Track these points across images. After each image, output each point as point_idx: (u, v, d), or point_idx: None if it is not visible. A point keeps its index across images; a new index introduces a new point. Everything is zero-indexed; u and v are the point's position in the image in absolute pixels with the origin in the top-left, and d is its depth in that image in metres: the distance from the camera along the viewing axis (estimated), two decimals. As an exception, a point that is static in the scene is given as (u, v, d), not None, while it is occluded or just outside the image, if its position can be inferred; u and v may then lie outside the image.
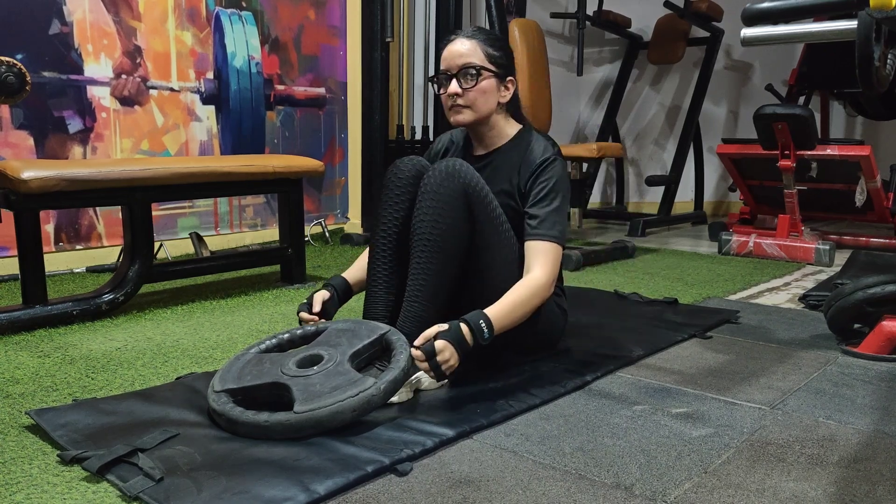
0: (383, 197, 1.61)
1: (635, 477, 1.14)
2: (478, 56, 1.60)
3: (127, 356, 1.76)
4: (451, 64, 1.61)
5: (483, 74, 1.60)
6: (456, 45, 1.61)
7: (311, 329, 1.54)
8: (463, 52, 1.60)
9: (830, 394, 1.54)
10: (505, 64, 1.63)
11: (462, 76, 1.60)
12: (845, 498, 1.08)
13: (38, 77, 2.82)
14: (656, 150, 5.34)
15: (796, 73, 4.51)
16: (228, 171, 2.39)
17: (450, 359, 1.38)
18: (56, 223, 2.93)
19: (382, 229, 1.60)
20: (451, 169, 1.50)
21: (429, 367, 1.38)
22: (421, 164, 1.60)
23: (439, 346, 1.38)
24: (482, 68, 1.59)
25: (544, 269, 1.54)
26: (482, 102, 1.61)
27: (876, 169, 3.34)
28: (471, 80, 1.59)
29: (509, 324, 1.49)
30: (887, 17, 1.49)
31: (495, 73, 1.61)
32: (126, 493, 1.05)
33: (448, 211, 1.48)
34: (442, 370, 1.38)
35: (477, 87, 1.60)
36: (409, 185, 1.58)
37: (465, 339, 1.41)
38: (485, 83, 1.60)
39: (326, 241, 3.76)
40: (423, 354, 1.37)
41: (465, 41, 1.61)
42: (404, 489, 1.10)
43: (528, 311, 1.52)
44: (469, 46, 1.60)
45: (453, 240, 1.50)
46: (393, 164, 1.62)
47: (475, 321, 1.42)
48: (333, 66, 3.95)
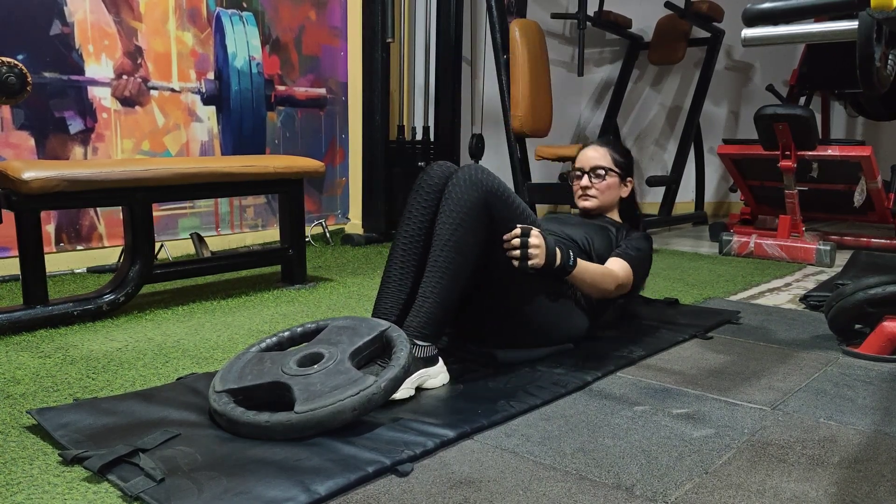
0: (410, 199, 1.66)
1: (636, 477, 1.14)
2: (607, 160, 2.00)
3: (128, 356, 1.76)
4: (584, 164, 2.02)
5: (610, 173, 1.99)
6: (590, 150, 2.03)
7: (312, 326, 1.54)
8: (595, 156, 2.01)
9: (831, 394, 1.54)
10: (626, 167, 2.03)
11: (593, 173, 2.00)
12: (846, 498, 1.08)
13: (38, 77, 2.82)
14: (657, 151, 5.34)
15: (797, 74, 4.51)
16: (229, 172, 2.39)
17: (538, 253, 1.51)
18: (57, 223, 2.94)
19: (405, 230, 1.63)
20: (474, 176, 1.56)
21: (518, 246, 1.50)
22: (451, 170, 1.65)
23: (535, 234, 1.51)
24: (609, 169, 1.99)
25: (621, 269, 1.80)
26: (607, 195, 2.01)
27: (877, 169, 3.34)
28: (600, 177, 1.99)
29: (586, 279, 1.67)
30: (888, 18, 1.49)
31: (619, 173, 2.01)
32: (127, 493, 1.05)
33: (468, 217, 1.53)
34: (527, 254, 1.50)
35: (604, 182, 1.99)
36: (438, 189, 1.63)
37: (555, 252, 1.57)
38: (610, 180, 2.00)
39: (327, 241, 3.76)
40: (520, 231, 1.50)
41: (599, 148, 2.03)
42: (405, 490, 1.10)
43: (600, 282, 1.72)
44: (601, 152, 2.01)
45: (470, 244, 1.54)
46: (425, 168, 1.68)
47: (567, 250, 1.61)
48: (334, 66, 3.95)
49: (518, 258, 1.50)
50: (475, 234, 1.53)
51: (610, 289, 1.75)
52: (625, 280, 1.80)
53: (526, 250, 1.50)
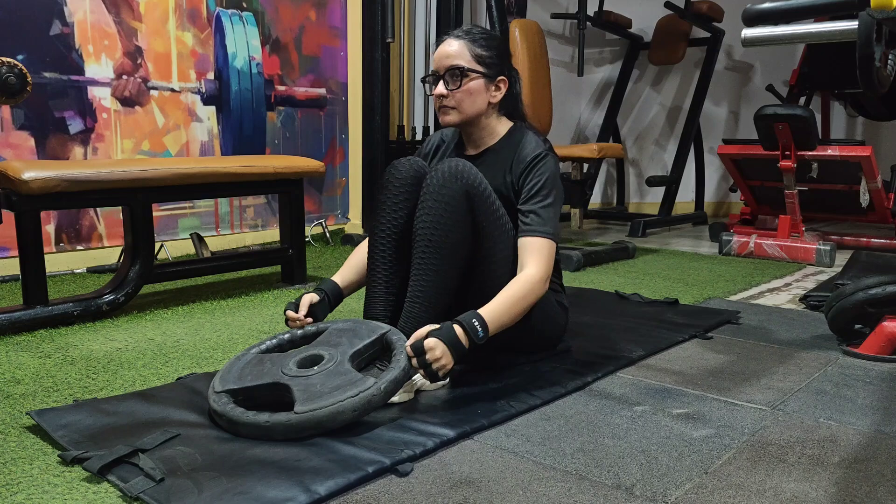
0: (381, 197, 1.61)
1: (636, 478, 1.14)
2: (464, 57, 1.59)
3: (128, 357, 1.76)
4: (438, 65, 1.62)
5: (469, 76, 1.59)
6: (444, 45, 1.61)
7: (312, 329, 1.54)
8: (450, 52, 1.60)
9: (831, 394, 1.54)
10: (495, 63, 1.62)
11: (448, 77, 1.60)
12: (846, 499, 1.08)
13: (38, 78, 2.82)
14: (657, 151, 5.34)
15: (797, 74, 4.51)
16: (229, 172, 2.39)
17: (441, 358, 1.35)
18: (57, 224, 2.94)
19: (381, 229, 1.60)
20: (454, 170, 1.50)
21: (419, 366, 1.36)
22: (418, 165, 1.61)
23: (429, 345, 1.35)
24: (468, 69, 1.59)
25: (538, 266, 1.52)
26: (469, 104, 1.61)
27: (877, 169, 3.34)
28: (456, 82, 1.59)
29: (506, 322, 1.47)
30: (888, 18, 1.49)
31: (483, 73, 1.60)
32: (127, 493, 1.05)
33: (450, 212, 1.48)
34: (433, 369, 1.35)
35: (462, 88, 1.59)
36: (408, 185, 1.58)
37: (458, 339, 1.38)
38: (471, 84, 1.59)
39: (327, 241, 3.76)
40: (412, 352, 1.36)
41: (454, 42, 1.61)
42: (405, 490, 1.10)
43: (523, 308, 1.50)
44: (457, 47, 1.60)
45: (455, 241, 1.50)
46: (391, 165, 1.62)
47: (468, 321, 1.40)
48: (334, 66, 3.95)
49: (427, 377, 1.37)
50: (458, 231, 1.49)
51: (538, 298, 1.53)
52: (547, 267, 1.53)
53: (431, 367, 1.35)
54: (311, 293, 1.66)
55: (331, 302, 1.68)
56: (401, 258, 1.59)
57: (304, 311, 1.62)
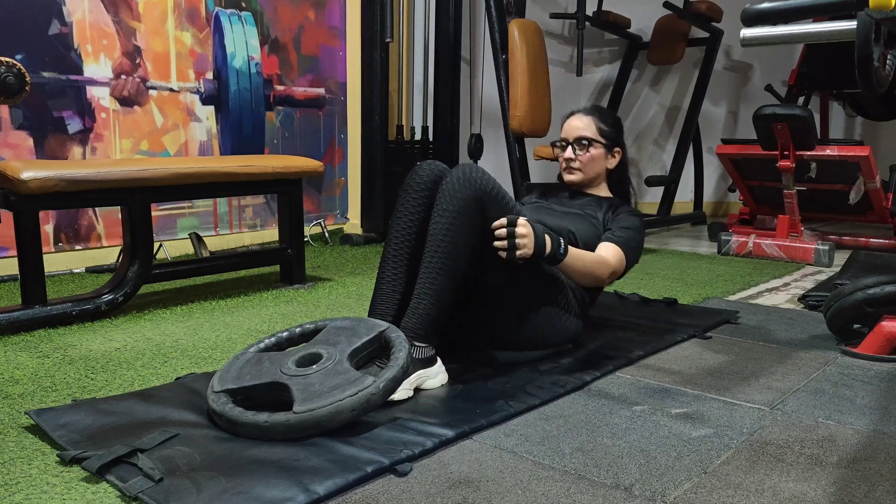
0: (401, 198, 1.65)
1: (635, 477, 1.14)
2: (591, 130, 1.91)
3: (126, 356, 1.76)
4: (568, 134, 1.93)
5: (594, 145, 1.91)
6: (574, 119, 1.94)
7: (311, 327, 1.54)
8: (579, 126, 1.92)
9: (830, 394, 1.54)
10: (613, 137, 1.93)
11: (576, 144, 1.91)
12: (845, 498, 1.08)
13: (37, 77, 2.82)
14: (656, 151, 5.34)
15: (796, 74, 4.51)
16: (228, 172, 2.39)
17: (527, 242, 1.47)
18: (55, 223, 2.93)
19: (397, 230, 1.63)
20: (468, 175, 1.55)
21: (505, 236, 1.46)
22: (440, 169, 1.65)
23: (521, 223, 1.47)
24: (594, 140, 1.90)
25: (613, 256, 1.75)
26: (591, 166, 1.93)
27: (875, 169, 3.34)
28: (583, 149, 1.91)
29: (577, 268, 1.64)
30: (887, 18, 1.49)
31: (605, 144, 1.92)
32: (126, 493, 1.05)
33: (462, 215, 1.52)
34: (515, 244, 1.46)
35: (587, 154, 1.91)
36: (427, 188, 1.62)
37: (545, 241, 1.53)
38: (594, 151, 1.91)
39: (326, 241, 3.76)
40: (507, 221, 1.47)
41: (584, 117, 1.94)
42: (404, 490, 1.10)
43: (592, 270, 1.69)
44: (585, 122, 1.92)
45: (464, 243, 1.52)
46: (414, 168, 1.67)
47: (557, 238, 1.57)
48: (333, 66, 3.95)
49: (506, 248, 1.47)
50: (468, 233, 1.52)
51: (603, 276, 1.73)
52: (617, 266, 1.76)
53: (513, 240, 1.46)
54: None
55: None
56: (412, 259, 1.61)
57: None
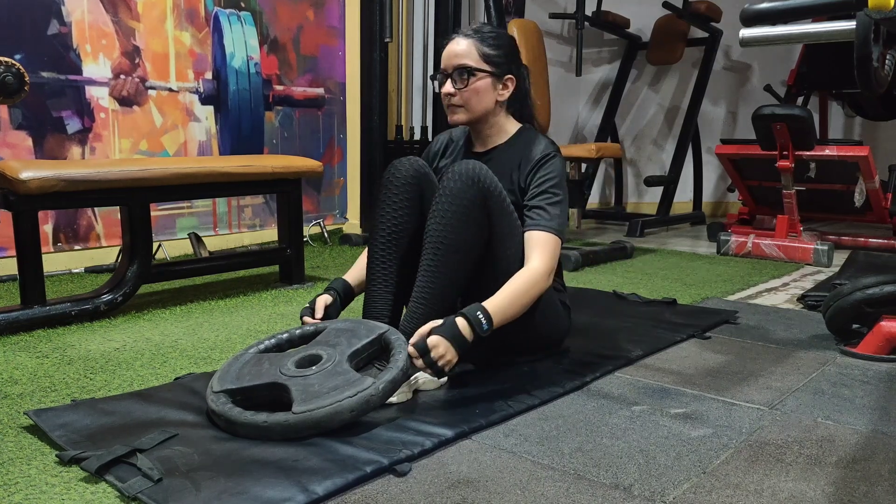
0: (381, 197, 1.61)
1: (634, 477, 1.14)
2: (472, 56, 1.60)
3: (125, 357, 1.76)
4: (447, 64, 1.63)
5: (477, 75, 1.60)
6: (453, 44, 1.63)
7: (310, 329, 1.54)
8: (458, 51, 1.61)
9: (829, 394, 1.54)
10: (502, 63, 1.63)
11: (456, 76, 1.61)
12: (844, 498, 1.08)
13: (36, 77, 2.82)
14: (655, 151, 5.34)
15: (795, 74, 4.51)
16: (227, 172, 2.39)
17: (445, 354, 1.37)
18: (55, 223, 2.93)
19: (381, 229, 1.60)
20: (470, 173, 1.49)
21: (424, 365, 1.37)
22: (418, 164, 1.61)
23: (433, 342, 1.37)
24: (476, 69, 1.60)
25: (543, 259, 1.53)
26: (476, 102, 1.62)
27: (874, 169, 3.35)
28: (464, 80, 1.60)
29: (510, 315, 1.48)
30: (886, 18, 1.49)
31: (491, 72, 1.61)
32: (125, 493, 1.05)
33: (465, 215, 1.48)
34: (439, 366, 1.37)
35: (470, 87, 1.61)
36: (408, 185, 1.59)
37: (461, 333, 1.39)
38: (479, 83, 1.61)
39: (325, 241, 3.76)
40: (416, 351, 1.37)
41: (462, 41, 1.62)
42: (403, 490, 1.10)
43: (527, 301, 1.51)
44: (465, 46, 1.61)
45: (467, 244, 1.50)
46: (391, 165, 1.62)
47: (472, 313, 1.41)
48: (332, 66, 3.95)
49: (433, 374, 1.39)
50: (471, 234, 1.49)
51: (543, 289, 1.54)
52: (551, 262, 1.55)
53: (436, 365, 1.37)
54: (324, 294, 1.65)
55: (342, 300, 1.68)
56: (401, 258, 1.59)
57: (320, 313, 1.61)
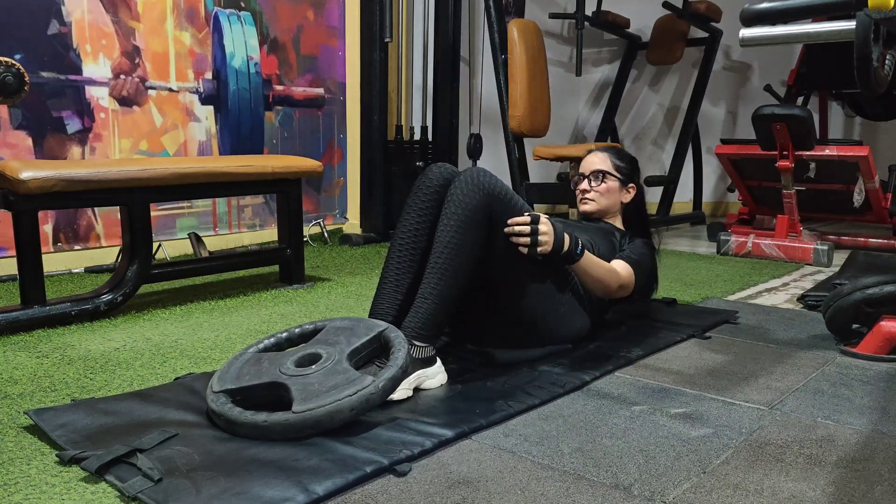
0: (409, 200, 1.66)
1: (634, 477, 1.14)
2: (606, 165, 2.05)
3: (125, 356, 1.76)
4: (584, 169, 2.08)
5: (608, 178, 2.03)
6: (591, 156, 2.09)
7: (310, 328, 1.54)
8: (595, 161, 2.06)
9: (829, 394, 1.54)
10: (628, 173, 2.06)
11: (592, 177, 2.05)
12: (843, 498, 1.08)
13: (36, 77, 2.82)
14: (655, 151, 5.34)
15: (795, 74, 4.51)
16: (227, 172, 2.39)
17: (548, 238, 1.54)
18: (55, 223, 2.93)
19: (403, 231, 1.64)
20: (476, 179, 1.56)
21: (528, 233, 1.52)
22: (449, 171, 1.67)
23: (545, 221, 1.55)
24: (608, 173, 2.04)
25: (624, 270, 1.83)
26: (605, 198, 2.04)
27: (874, 169, 3.35)
28: (598, 181, 2.04)
29: (592, 272, 1.70)
30: (886, 18, 1.49)
31: (618, 178, 2.04)
32: (125, 493, 1.05)
33: (470, 219, 1.54)
34: (536, 238, 1.52)
35: (603, 185, 2.03)
36: (436, 191, 1.64)
37: (564, 238, 1.59)
38: (609, 184, 2.04)
39: (325, 241, 3.76)
40: (528, 218, 1.53)
41: (600, 153, 2.08)
42: (403, 490, 1.10)
43: (601, 275, 1.73)
44: (601, 157, 2.07)
45: (473, 246, 1.54)
46: (425, 170, 1.69)
47: (576, 238, 1.63)
48: (332, 66, 3.95)
49: (528, 245, 1.53)
50: (475, 237, 1.53)
51: (612, 286, 1.78)
52: (627, 281, 1.83)
53: (536, 237, 1.52)
54: None
55: None
56: (416, 262, 1.62)
57: None
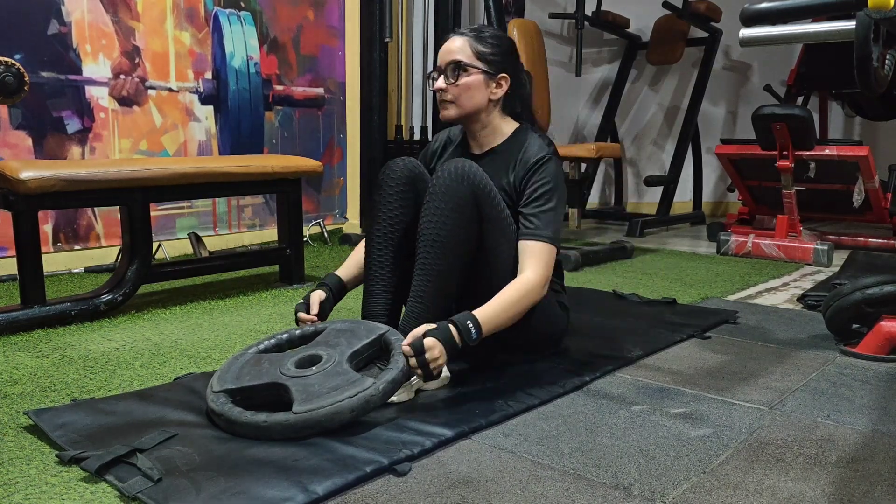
0: (377, 197, 1.62)
1: (634, 477, 1.14)
2: (465, 53, 1.61)
3: (125, 356, 1.76)
4: (441, 60, 1.64)
5: (468, 71, 1.60)
6: (448, 42, 1.64)
7: (310, 329, 1.54)
8: (452, 48, 1.62)
9: (829, 394, 1.54)
10: (497, 61, 1.62)
11: (449, 72, 1.62)
12: (843, 498, 1.08)
13: (36, 77, 2.82)
14: (655, 151, 5.34)
15: (795, 74, 4.51)
16: (227, 172, 2.39)
17: (438, 357, 1.36)
18: (54, 223, 2.93)
19: (378, 229, 1.61)
20: (460, 171, 1.50)
21: (416, 365, 1.36)
22: (413, 164, 1.62)
23: (429, 344, 1.36)
24: (467, 65, 1.60)
25: (536, 270, 1.53)
26: (466, 98, 1.62)
27: (874, 169, 3.35)
28: (456, 76, 1.61)
29: (500, 324, 1.47)
30: (885, 18, 1.49)
31: (483, 70, 1.61)
32: (125, 493, 1.05)
33: (456, 213, 1.48)
34: (430, 368, 1.36)
35: (460, 82, 1.61)
36: (402, 184, 1.60)
37: (453, 338, 1.39)
38: (469, 79, 1.61)
39: (325, 241, 3.76)
40: (411, 350, 1.36)
41: (458, 38, 1.63)
42: (403, 489, 1.10)
43: (519, 311, 1.51)
44: (459, 43, 1.62)
45: (460, 241, 1.50)
46: (385, 165, 1.63)
47: (462, 322, 1.41)
48: (332, 66, 3.95)
49: (423, 376, 1.37)
50: (463, 232, 1.49)
51: (535, 300, 1.53)
52: (546, 273, 1.54)
53: (429, 368, 1.36)
54: (318, 290, 1.66)
55: (335, 296, 1.69)
56: (397, 257, 1.60)
57: (315, 308, 1.62)
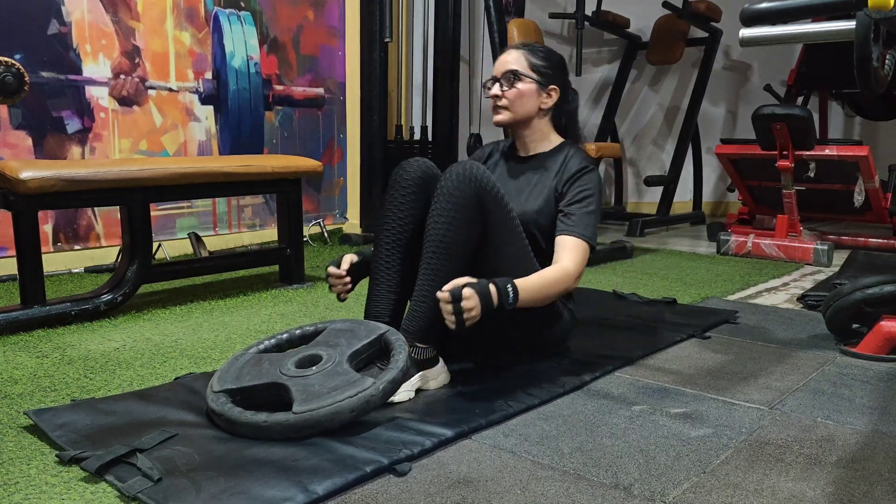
0: (388, 197, 1.63)
1: (634, 477, 1.14)
2: (521, 64, 1.73)
3: (125, 356, 1.76)
4: (497, 70, 1.76)
5: (522, 80, 1.72)
6: (504, 54, 1.77)
7: (310, 329, 1.54)
8: (508, 60, 1.75)
9: (829, 394, 1.54)
10: (548, 73, 1.74)
11: (503, 80, 1.73)
12: (843, 498, 1.08)
13: (36, 77, 2.82)
14: (655, 151, 5.34)
15: (795, 74, 4.51)
16: (227, 172, 2.39)
17: (473, 308, 1.39)
18: (54, 223, 2.93)
19: (386, 229, 1.62)
20: (468, 172, 1.52)
21: (451, 311, 1.38)
22: (426, 166, 1.64)
23: (466, 293, 1.39)
24: (522, 74, 1.72)
25: (573, 261, 1.60)
26: (519, 105, 1.73)
27: (874, 169, 3.35)
28: (510, 83, 1.72)
29: (534, 300, 1.52)
30: (885, 18, 1.49)
31: (535, 80, 1.73)
32: (125, 493, 1.05)
33: (462, 213, 1.50)
34: (463, 317, 1.38)
35: (514, 89, 1.72)
36: (414, 185, 1.61)
37: (490, 296, 1.42)
38: (523, 87, 1.72)
39: (325, 241, 3.75)
40: (449, 296, 1.38)
41: (513, 52, 1.77)
42: (403, 489, 1.10)
43: (553, 293, 1.56)
44: (514, 56, 1.75)
45: (465, 242, 1.51)
46: (399, 166, 1.65)
47: (503, 284, 1.45)
48: (332, 66, 3.95)
49: (454, 322, 1.39)
50: (468, 232, 1.50)
51: (568, 289, 1.60)
52: (580, 266, 1.61)
53: (461, 316, 1.38)
54: (352, 254, 1.71)
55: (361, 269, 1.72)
56: (405, 258, 1.60)
57: (345, 266, 1.67)
